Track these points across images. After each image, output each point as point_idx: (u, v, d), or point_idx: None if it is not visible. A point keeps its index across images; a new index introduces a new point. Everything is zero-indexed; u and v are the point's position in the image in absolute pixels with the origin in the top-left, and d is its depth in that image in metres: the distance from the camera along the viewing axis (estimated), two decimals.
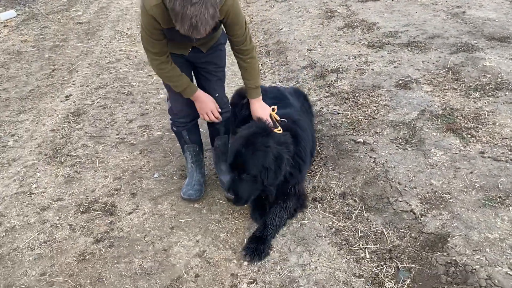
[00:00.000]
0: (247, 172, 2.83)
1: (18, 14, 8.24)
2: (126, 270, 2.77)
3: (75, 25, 7.82)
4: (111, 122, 4.56)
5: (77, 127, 4.50)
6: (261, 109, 3.15)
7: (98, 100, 5.05)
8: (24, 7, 8.70)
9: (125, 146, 4.12)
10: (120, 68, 5.94)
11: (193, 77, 3.24)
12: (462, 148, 3.45)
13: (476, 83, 4.34)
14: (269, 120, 3.09)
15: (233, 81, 5.43)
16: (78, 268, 2.81)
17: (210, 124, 3.39)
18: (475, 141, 3.51)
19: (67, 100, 5.12)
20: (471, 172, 3.19)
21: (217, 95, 3.19)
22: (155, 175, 3.68)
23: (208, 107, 3.09)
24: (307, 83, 4.99)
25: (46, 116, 4.77)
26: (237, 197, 2.88)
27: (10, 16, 8.07)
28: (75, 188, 3.57)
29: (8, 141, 4.33)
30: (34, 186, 3.63)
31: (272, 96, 3.58)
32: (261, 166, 2.79)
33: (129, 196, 3.44)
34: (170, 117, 3.34)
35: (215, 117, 3.14)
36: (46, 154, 4.05)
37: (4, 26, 7.64)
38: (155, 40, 2.74)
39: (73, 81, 5.62)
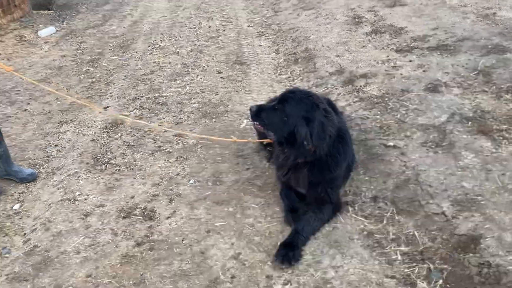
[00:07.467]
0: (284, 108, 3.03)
1: (57, 31, 8.63)
2: (166, 271, 2.91)
3: (110, 39, 8.14)
4: (148, 131, 4.75)
5: (115, 136, 4.71)
6: None
7: (135, 110, 5.27)
8: (63, 24, 9.10)
9: (161, 154, 4.29)
10: (155, 79, 6.16)
11: None
12: (494, 150, 3.45)
13: (508, 85, 4.31)
14: None
15: (263, 89, 5.56)
16: (121, 270, 2.96)
17: None
18: (507, 143, 3.50)
19: (105, 111, 5.35)
20: (503, 174, 3.19)
21: None
22: (191, 181, 3.82)
23: None
24: (336, 88, 5.06)
25: (86, 127, 5.01)
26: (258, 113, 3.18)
27: (50, 33, 8.46)
28: (115, 195, 3.75)
29: (52, 151, 4.57)
30: (77, 193, 3.82)
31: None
32: (300, 110, 2.97)
33: (167, 201, 3.60)
34: None
35: None
36: (87, 163, 4.26)
37: (45, 42, 8.01)
38: None
39: (110, 93, 5.86)
